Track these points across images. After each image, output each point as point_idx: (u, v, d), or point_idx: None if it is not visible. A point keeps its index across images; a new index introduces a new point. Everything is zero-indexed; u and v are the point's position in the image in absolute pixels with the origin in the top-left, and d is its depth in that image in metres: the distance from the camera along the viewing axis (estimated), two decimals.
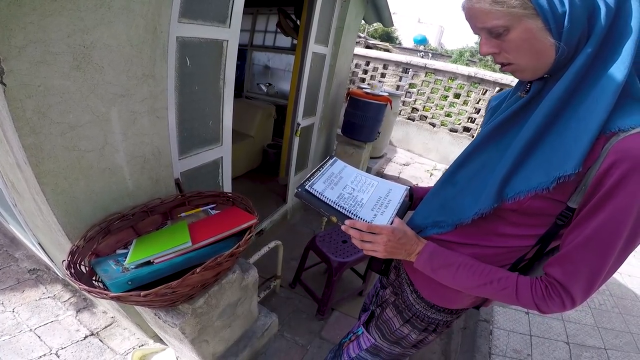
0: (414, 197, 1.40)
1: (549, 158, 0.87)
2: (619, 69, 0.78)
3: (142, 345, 2.46)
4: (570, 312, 3.47)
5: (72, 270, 1.37)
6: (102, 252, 1.58)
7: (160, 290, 1.28)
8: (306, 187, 1.15)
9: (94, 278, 1.46)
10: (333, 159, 1.36)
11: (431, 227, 1.17)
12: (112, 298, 1.28)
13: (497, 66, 0.95)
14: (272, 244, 2.59)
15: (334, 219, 1.12)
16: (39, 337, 2.40)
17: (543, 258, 1.07)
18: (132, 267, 1.40)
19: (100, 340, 2.47)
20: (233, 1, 2.05)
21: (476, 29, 0.91)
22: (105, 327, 2.58)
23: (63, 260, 1.39)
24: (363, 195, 1.22)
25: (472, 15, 0.88)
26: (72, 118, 1.34)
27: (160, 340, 2.42)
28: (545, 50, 0.84)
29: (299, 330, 2.80)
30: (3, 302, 2.62)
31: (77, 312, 2.65)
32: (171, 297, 1.41)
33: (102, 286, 1.39)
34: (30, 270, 2.97)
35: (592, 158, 0.80)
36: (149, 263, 1.42)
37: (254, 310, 2.30)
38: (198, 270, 1.34)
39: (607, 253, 0.81)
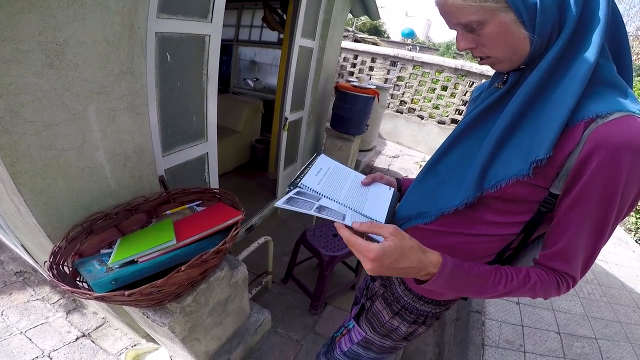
0: (402, 189, 1.40)
1: (526, 144, 0.88)
2: (588, 57, 0.81)
3: (135, 345, 2.44)
4: (560, 302, 3.52)
5: (55, 272, 1.34)
6: (85, 253, 1.56)
7: (145, 289, 1.26)
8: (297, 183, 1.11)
9: (78, 278, 1.44)
10: (319, 155, 1.34)
11: (415, 218, 1.17)
12: (96, 298, 1.26)
13: None
14: (261, 240, 2.56)
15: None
16: (30, 340, 2.38)
17: (529, 246, 1.08)
18: (116, 266, 1.38)
19: (92, 341, 2.45)
20: None
21: (451, 25, 0.91)
22: (97, 327, 2.56)
23: (45, 262, 1.37)
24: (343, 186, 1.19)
25: (446, 12, 0.88)
26: (47, 116, 1.31)
27: (153, 340, 2.40)
28: (520, 43, 0.86)
29: (292, 326, 2.79)
30: None
31: (67, 314, 2.62)
32: (157, 296, 1.39)
33: (86, 286, 1.37)
34: (17, 272, 2.93)
35: (572, 144, 0.82)
36: (133, 262, 1.40)
37: (245, 307, 2.28)
38: (183, 268, 1.32)
39: (600, 236, 0.86)
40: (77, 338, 2.45)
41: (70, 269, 1.46)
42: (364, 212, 1.09)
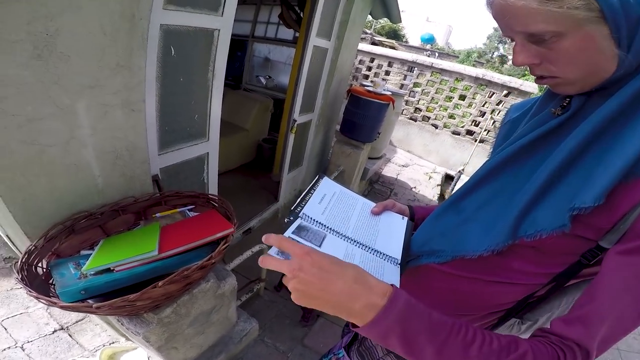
0: (415, 217, 1.26)
1: (577, 187, 0.72)
2: None
3: (113, 342, 2.40)
4: None
5: (25, 273, 1.27)
6: (64, 253, 1.49)
7: (115, 303, 1.18)
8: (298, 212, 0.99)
9: (50, 280, 1.36)
10: (322, 178, 1.21)
11: (427, 256, 1.02)
12: (62, 307, 1.18)
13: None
14: (255, 249, 2.48)
15: None
16: (5, 329, 2.33)
17: (552, 296, 0.93)
18: (91, 273, 1.30)
19: (69, 335, 2.41)
20: None
21: (510, 32, 0.74)
22: (77, 322, 2.51)
23: (16, 262, 1.30)
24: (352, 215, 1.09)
25: (509, 14, 0.69)
26: (31, 110, 1.23)
27: (132, 340, 2.33)
28: (605, 63, 0.67)
29: (280, 336, 2.73)
30: None
31: (47, 306, 2.55)
32: (130, 309, 1.31)
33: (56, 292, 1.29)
34: (6, 258, 2.90)
35: (639, 195, 0.66)
36: (108, 270, 1.32)
37: (231, 316, 2.21)
38: (160, 284, 1.24)
39: None
40: (55, 331, 2.41)
41: (44, 270, 1.39)
42: (377, 247, 0.98)
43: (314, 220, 0.97)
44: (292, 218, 0.96)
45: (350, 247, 0.94)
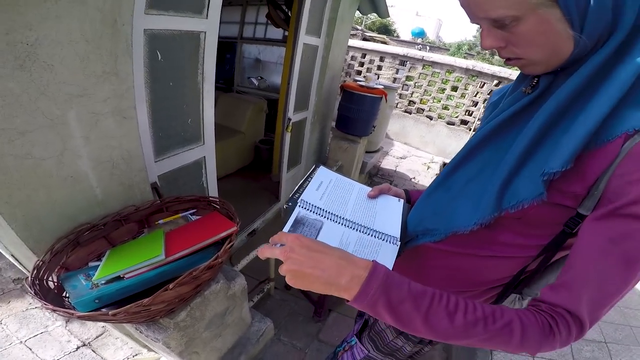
0: (412, 200, 1.29)
1: (549, 156, 0.77)
2: (635, 61, 0.68)
3: (136, 355, 2.43)
4: None
5: (37, 288, 1.27)
6: (72, 266, 1.49)
7: (130, 309, 1.18)
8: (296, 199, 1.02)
9: (64, 294, 1.37)
10: (318, 167, 1.25)
11: (422, 236, 1.06)
12: (79, 317, 1.20)
13: (496, 59, 0.81)
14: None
15: None
16: (31, 350, 2.36)
17: (547, 269, 0.95)
18: (102, 282, 1.31)
19: (92, 350, 2.43)
20: None
21: (476, 19, 0.78)
22: (97, 337, 2.54)
23: (26, 277, 1.31)
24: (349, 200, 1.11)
25: (472, 2, 0.74)
26: (20, 123, 1.22)
27: (154, 350, 2.34)
28: (563, 44, 0.72)
29: (296, 334, 2.75)
30: None
31: (66, 323, 2.61)
32: (146, 314, 1.31)
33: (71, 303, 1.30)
34: (15, 279, 2.92)
35: (608, 159, 0.70)
36: (119, 278, 1.32)
37: (245, 317, 2.21)
38: (171, 286, 1.23)
39: (630, 268, 0.68)
40: (78, 347, 2.44)
41: (56, 283, 1.39)
42: (375, 227, 1.01)
43: (312, 205, 1.00)
44: (290, 204, 0.99)
45: (347, 233, 0.96)
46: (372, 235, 0.97)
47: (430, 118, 7.74)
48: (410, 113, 8.05)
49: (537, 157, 0.80)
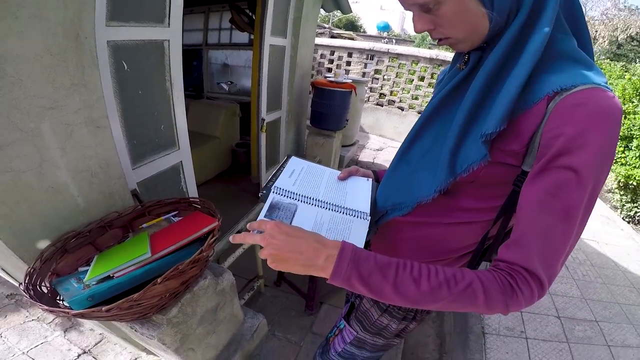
0: (380, 180, 1.37)
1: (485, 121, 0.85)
2: (542, 30, 0.78)
3: (136, 359, 2.45)
4: (556, 285, 3.52)
5: (31, 292, 1.33)
6: (63, 272, 1.54)
7: (123, 304, 1.25)
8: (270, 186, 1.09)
9: (58, 297, 1.42)
10: (290, 157, 1.33)
11: (391, 211, 1.13)
12: (74, 315, 1.25)
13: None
14: (246, 245, 2.54)
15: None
16: None
17: (507, 234, 1.03)
18: (93, 283, 1.37)
19: (93, 357, 2.47)
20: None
21: (407, 6, 0.87)
22: (96, 344, 2.57)
23: (20, 283, 1.36)
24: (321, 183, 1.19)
25: None
26: None
27: (153, 353, 2.39)
28: (479, 21, 0.82)
29: (290, 328, 2.77)
30: None
31: (64, 332, 2.64)
32: (138, 309, 1.37)
33: (66, 305, 1.35)
34: (8, 295, 2.95)
35: (537, 119, 0.79)
36: (109, 278, 1.38)
37: (237, 313, 2.25)
38: (159, 280, 1.30)
39: (570, 217, 0.75)
40: (79, 355, 2.47)
41: (48, 288, 1.44)
42: (346, 205, 1.07)
43: (285, 190, 1.06)
44: (265, 192, 1.06)
45: (320, 213, 1.03)
46: (343, 213, 1.04)
47: (402, 109, 7.80)
48: (382, 105, 8.11)
49: (478, 123, 0.88)
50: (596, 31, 18.39)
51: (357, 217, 1.03)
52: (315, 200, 1.06)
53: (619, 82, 7.39)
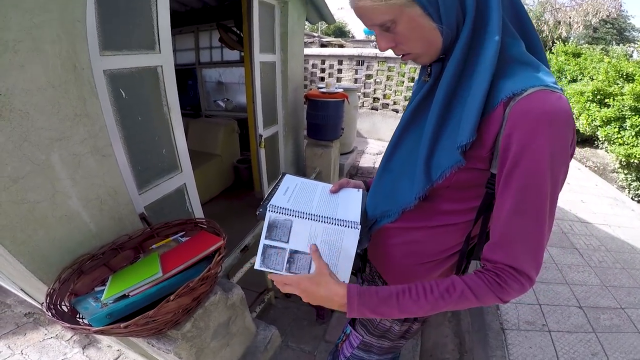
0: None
1: (456, 131, 0.91)
2: (493, 38, 0.83)
3: None
4: (573, 275, 3.44)
5: (53, 311, 1.39)
6: (80, 292, 1.60)
7: (139, 321, 1.31)
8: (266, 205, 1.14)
9: (77, 316, 1.49)
10: (285, 175, 1.40)
11: (380, 219, 1.20)
12: (95, 332, 1.33)
13: None
14: (253, 260, 2.58)
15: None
16: None
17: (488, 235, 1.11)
18: (110, 301, 1.43)
19: None
20: (158, 26, 2.03)
21: (369, 27, 0.94)
22: None
23: (42, 303, 1.42)
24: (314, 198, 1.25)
25: (361, 14, 0.91)
26: (12, 170, 1.31)
27: None
28: (432, 35, 0.88)
29: (303, 338, 2.79)
30: (9, 346, 2.72)
31: (83, 349, 2.71)
32: (154, 325, 1.42)
33: (86, 323, 1.41)
34: (27, 314, 3.03)
35: (496, 125, 0.84)
36: (125, 296, 1.45)
37: (250, 326, 2.28)
38: (172, 297, 1.35)
39: (539, 215, 0.82)
40: None
41: (68, 307, 1.51)
42: (338, 216, 1.12)
43: (280, 207, 1.12)
44: (261, 210, 1.13)
45: (314, 226, 1.10)
46: (336, 224, 1.09)
47: (397, 111, 7.84)
48: (377, 109, 8.17)
49: (447, 131, 0.94)
50: (570, 17, 18.45)
51: (348, 226, 1.09)
52: (309, 214, 1.11)
53: (601, 66, 7.50)
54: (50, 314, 1.36)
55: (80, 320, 1.47)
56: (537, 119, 0.76)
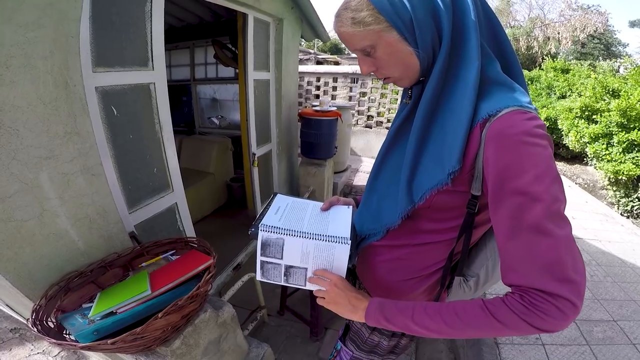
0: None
1: (439, 153, 0.94)
2: (472, 61, 0.86)
3: None
4: None
5: (39, 327, 1.40)
6: (67, 308, 1.59)
7: (127, 337, 1.31)
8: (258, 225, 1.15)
9: (64, 332, 1.48)
10: (276, 195, 1.42)
11: (367, 237, 1.23)
12: (82, 348, 1.33)
13: None
14: (245, 278, 2.59)
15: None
16: None
17: (472, 251, 1.19)
18: (98, 318, 1.43)
19: None
20: (151, 42, 2.04)
21: (352, 51, 0.97)
22: None
23: (27, 319, 1.41)
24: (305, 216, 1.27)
25: (344, 40, 0.94)
26: None
27: None
28: (409, 59, 0.92)
29: (296, 356, 2.79)
30: None
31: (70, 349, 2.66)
32: (142, 342, 1.42)
33: (73, 339, 1.41)
34: (12, 329, 2.99)
35: (474, 146, 0.86)
36: (112, 313, 1.44)
37: (241, 343, 2.25)
38: (160, 315, 1.35)
39: (540, 230, 0.75)
40: None
41: (55, 323, 1.50)
42: (329, 232, 1.14)
43: (272, 227, 1.13)
44: (253, 229, 1.13)
45: (305, 243, 1.12)
46: (326, 241, 1.11)
47: None
48: (371, 127, 8.23)
49: (427, 152, 0.98)
50: (558, 33, 18.77)
51: (339, 242, 1.10)
52: (300, 232, 1.12)
53: (588, 82, 7.59)
54: (36, 329, 1.36)
55: (67, 336, 1.46)
56: (511, 138, 0.78)
